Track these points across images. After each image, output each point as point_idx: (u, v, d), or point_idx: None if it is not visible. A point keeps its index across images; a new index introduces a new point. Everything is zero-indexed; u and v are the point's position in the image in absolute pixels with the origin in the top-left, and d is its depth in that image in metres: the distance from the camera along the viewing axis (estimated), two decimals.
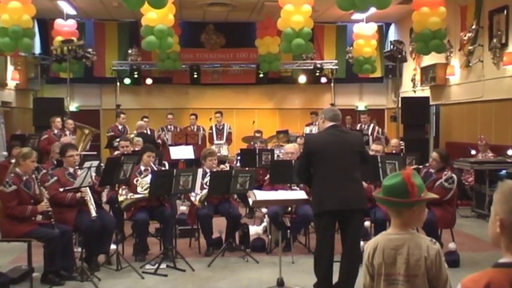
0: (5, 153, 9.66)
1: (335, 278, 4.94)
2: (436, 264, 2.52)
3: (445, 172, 6.41)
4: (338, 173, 4.80)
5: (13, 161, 6.26)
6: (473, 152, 9.89)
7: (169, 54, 13.09)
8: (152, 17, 10.35)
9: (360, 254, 4.92)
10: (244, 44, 14.96)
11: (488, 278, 1.65)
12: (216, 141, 12.02)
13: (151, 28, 10.45)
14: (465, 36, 11.25)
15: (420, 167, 6.89)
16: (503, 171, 8.87)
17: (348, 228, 4.94)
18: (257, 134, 11.27)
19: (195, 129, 12.17)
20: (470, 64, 11.16)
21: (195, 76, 14.51)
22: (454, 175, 6.46)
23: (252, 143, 10.84)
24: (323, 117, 5.06)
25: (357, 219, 4.96)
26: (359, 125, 12.11)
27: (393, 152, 8.92)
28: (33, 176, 5.76)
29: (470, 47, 11.10)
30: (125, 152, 7.79)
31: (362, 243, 6.15)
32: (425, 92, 13.42)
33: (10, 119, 12.70)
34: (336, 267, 4.96)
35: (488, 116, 10.63)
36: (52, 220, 5.56)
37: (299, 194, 5.98)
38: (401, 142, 10.26)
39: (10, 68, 13.03)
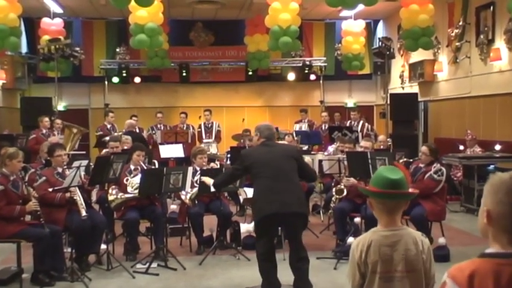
0: None
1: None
2: (429, 258, 2.55)
3: (434, 165, 6.46)
4: (275, 179, 4.86)
5: None
6: (461, 147, 9.96)
7: (157, 52, 13.04)
8: (143, 15, 10.30)
9: (306, 253, 5.02)
10: (233, 41, 14.93)
11: (473, 267, 1.68)
12: (204, 140, 11.99)
13: (141, 26, 10.40)
14: (452, 32, 11.31)
15: (411, 160, 6.94)
16: (492, 166, 8.96)
17: (291, 231, 5.07)
18: (246, 133, 11.25)
19: (185, 128, 12.14)
20: (458, 60, 11.24)
21: (184, 74, 14.47)
22: (442, 168, 6.51)
23: (242, 140, 10.83)
24: (258, 134, 5.20)
25: (299, 222, 5.01)
26: (348, 121, 12.13)
27: (382, 148, 8.97)
28: (20, 175, 5.72)
29: (457, 43, 11.17)
30: (114, 151, 7.74)
31: (352, 239, 6.20)
32: (413, 88, 13.49)
33: None
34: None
35: (476, 112, 10.70)
36: (42, 220, 5.52)
37: None
38: (388, 139, 10.31)
39: None
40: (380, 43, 12.18)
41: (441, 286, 1.72)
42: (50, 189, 5.82)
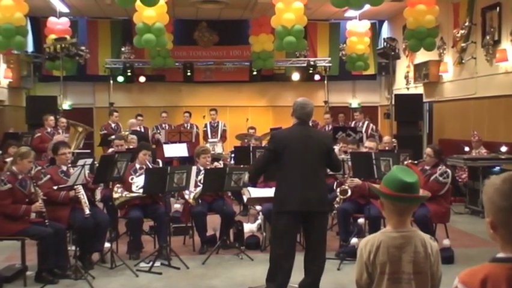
0: None
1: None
2: (437, 261, 2.55)
3: (439, 167, 6.44)
4: (302, 172, 4.70)
5: (8, 160, 6.25)
6: (467, 148, 9.93)
7: (159, 51, 13.06)
8: (150, 15, 10.34)
9: (324, 255, 4.90)
10: (237, 41, 14.94)
11: (485, 272, 1.67)
12: (210, 139, 11.99)
13: (147, 26, 10.43)
14: (458, 33, 11.28)
15: (416, 162, 6.91)
16: (497, 168, 8.92)
17: (311, 229, 4.86)
18: (251, 131, 11.26)
19: (189, 127, 12.15)
20: (463, 61, 11.20)
21: (188, 74, 14.49)
22: (448, 170, 6.49)
23: (246, 140, 10.83)
24: (292, 112, 4.96)
25: (319, 221, 4.84)
26: (353, 122, 12.11)
27: (386, 149, 8.95)
28: (29, 175, 5.74)
29: (463, 44, 11.14)
30: (119, 150, 7.76)
31: (356, 240, 6.20)
32: (418, 89, 13.46)
33: (3, 117, 12.63)
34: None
35: (481, 113, 10.67)
36: (46, 221, 5.54)
37: None
38: (394, 140, 10.29)
39: (3, 66, 12.95)
40: (385, 43, 12.15)
41: None
42: (55, 187, 5.84)
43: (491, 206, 1.71)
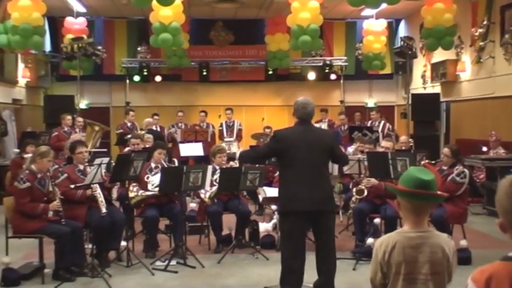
0: (17, 150, 9.73)
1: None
2: (454, 261, 2.53)
3: (457, 167, 6.37)
4: (305, 172, 4.67)
5: (26, 155, 6.31)
6: (484, 148, 9.82)
7: (175, 51, 13.11)
8: (167, 14, 10.39)
9: (334, 254, 4.87)
10: (253, 41, 14.96)
11: (492, 269, 1.70)
12: (226, 138, 12.00)
13: (164, 25, 10.48)
14: (476, 32, 11.16)
15: (433, 162, 6.84)
16: None
17: (318, 229, 4.84)
18: (267, 130, 11.24)
19: (205, 126, 12.18)
20: (481, 60, 11.08)
21: (204, 73, 14.52)
22: (465, 170, 6.42)
23: (261, 140, 10.81)
24: (293, 112, 4.98)
25: (326, 220, 4.80)
26: (369, 121, 12.05)
27: (403, 148, 8.87)
28: (48, 173, 5.80)
29: (481, 43, 11.01)
30: (135, 149, 7.81)
31: (372, 240, 6.16)
32: (435, 88, 13.35)
33: (21, 116, 12.77)
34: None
35: (499, 113, 10.54)
36: (63, 221, 5.59)
37: None
38: (410, 139, 10.21)
39: (21, 65, 13.10)
40: (402, 42, 12.06)
41: None
42: (72, 186, 5.89)
43: (500, 207, 1.75)
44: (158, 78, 14.62)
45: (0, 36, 10.51)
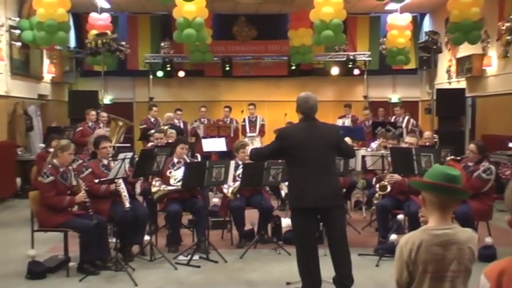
0: (43, 144, 9.88)
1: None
2: (475, 256, 2.50)
3: (483, 163, 6.27)
4: (313, 168, 4.66)
5: (52, 150, 6.38)
6: (510, 145, 9.64)
7: (198, 46, 13.14)
8: (190, 10, 10.42)
9: (347, 248, 4.83)
10: (276, 36, 14.90)
11: (504, 265, 1.75)
12: (248, 134, 12.01)
13: (187, 21, 10.51)
14: (503, 26, 10.94)
15: (458, 158, 6.74)
16: None
17: (329, 225, 4.84)
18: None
19: (228, 122, 12.19)
20: (508, 55, 10.87)
21: (227, 68, 14.54)
22: (491, 166, 6.31)
23: None
24: (296, 108, 4.97)
25: (336, 215, 4.79)
26: (393, 117, 11.93)
27: (427, 144, 8.76)
28: (70, 167, 5.86)
29: (508, 37, 10.79)
30: (159, 144, 7.86)
31: (395, 236, 6.10)
32: (460, 83, 13.14)
33: (46, 111, 12.95)
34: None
35: None
36: (90, 211, 5.65)
37: None
38: (435, 135, 10.08)
39: (46, 61, 13.29)
40: (427, 37, 11.90)
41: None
42: (96, 181, 5.95)
43: (510, 205, 1.80)
44: (181, 74, 14.68)
45: (26, 32, 10.68)
